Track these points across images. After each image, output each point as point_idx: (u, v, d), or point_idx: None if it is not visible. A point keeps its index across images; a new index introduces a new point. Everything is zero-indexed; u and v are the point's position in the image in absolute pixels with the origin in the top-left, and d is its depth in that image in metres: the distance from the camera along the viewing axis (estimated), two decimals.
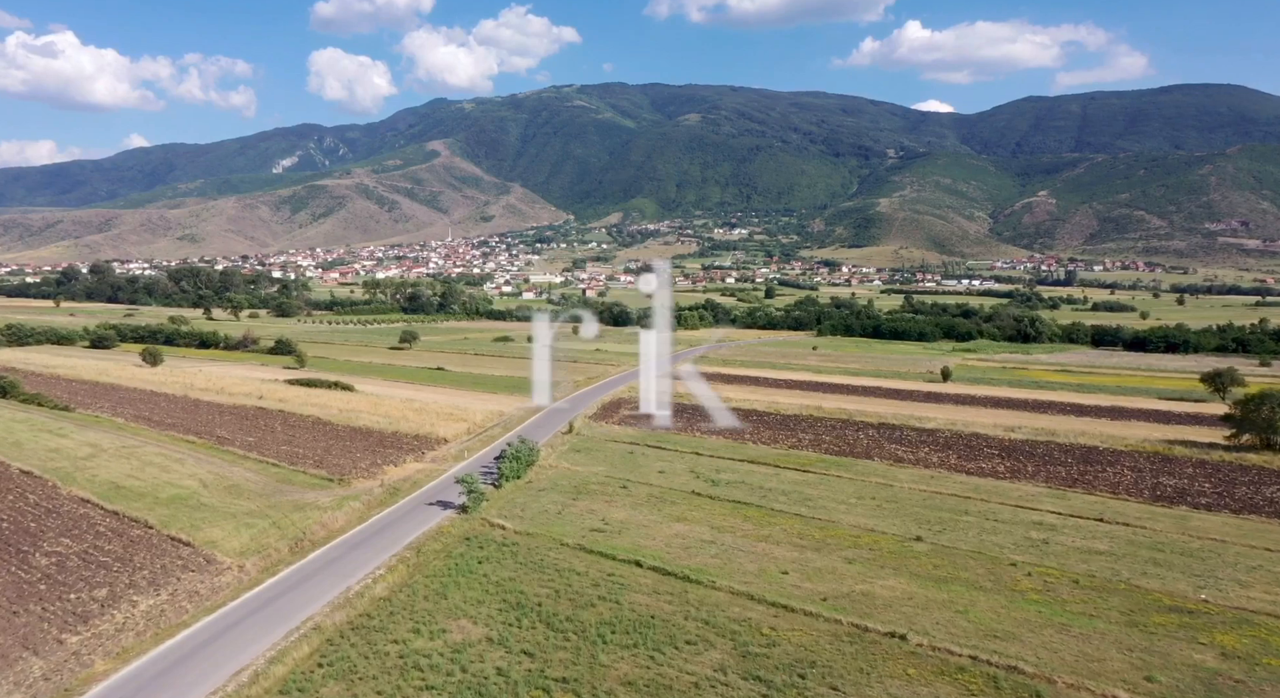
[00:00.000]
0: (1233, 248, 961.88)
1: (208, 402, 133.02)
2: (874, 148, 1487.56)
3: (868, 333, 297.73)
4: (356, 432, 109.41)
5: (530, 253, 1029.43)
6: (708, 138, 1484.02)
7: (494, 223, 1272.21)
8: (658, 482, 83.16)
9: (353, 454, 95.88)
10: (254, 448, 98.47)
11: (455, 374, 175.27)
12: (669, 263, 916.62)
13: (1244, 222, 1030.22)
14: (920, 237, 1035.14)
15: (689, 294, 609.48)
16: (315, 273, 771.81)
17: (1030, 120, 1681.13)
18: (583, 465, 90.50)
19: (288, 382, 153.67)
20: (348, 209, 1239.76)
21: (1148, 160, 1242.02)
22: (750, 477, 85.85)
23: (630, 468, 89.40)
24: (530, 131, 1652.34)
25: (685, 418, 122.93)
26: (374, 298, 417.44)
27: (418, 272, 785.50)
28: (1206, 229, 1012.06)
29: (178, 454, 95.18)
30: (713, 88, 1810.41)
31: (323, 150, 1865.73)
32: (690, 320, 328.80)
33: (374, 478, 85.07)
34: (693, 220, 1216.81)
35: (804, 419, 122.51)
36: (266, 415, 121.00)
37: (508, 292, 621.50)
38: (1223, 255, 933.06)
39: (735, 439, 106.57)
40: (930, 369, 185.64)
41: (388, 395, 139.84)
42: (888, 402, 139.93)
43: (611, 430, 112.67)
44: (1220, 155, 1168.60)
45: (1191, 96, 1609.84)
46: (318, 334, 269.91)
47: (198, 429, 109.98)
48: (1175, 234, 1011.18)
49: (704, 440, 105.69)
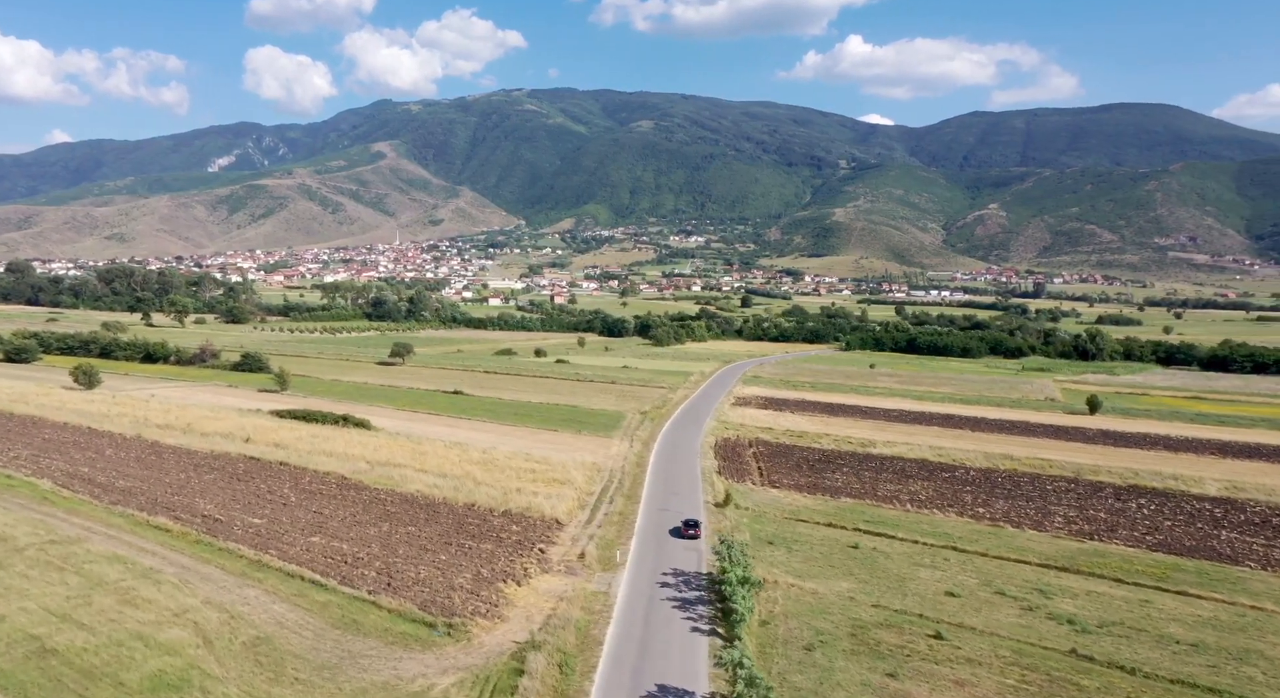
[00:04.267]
0: (1183, 263, 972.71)
1: (173, 446, 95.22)
2: (826, 158, 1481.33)
3: (900, 347, 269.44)
4: (414, 504, 73.67)
5: (483, 258, 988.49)
6: (661, 145, 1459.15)
7: (443, 227, 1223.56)
8: (975, 621, 49.71)
9: (433, 553, 60.62)
10: (270, 542, 62.37)
11: (482, 401, 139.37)
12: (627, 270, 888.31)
13: (1192, 237, 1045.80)
14: (879, 247, 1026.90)
15: (659, 302, 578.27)
16: (258, 276, 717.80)
17: (977, 134, 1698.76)
18: (817, 580, 56.69)
19: (276, 413, 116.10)
20: (289, 210, 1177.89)
21: (1094, 176, 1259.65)
22: (1107, 608, 52.80)
23: (890, 584, 56.01)
24: (480, 135, 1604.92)
25: (846, 472, 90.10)
26: (333, 303, 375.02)
27: (367, 275, 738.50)
28: (1157, 244, 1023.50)
29: (146, 558, 58.65)
30: (664, 95, 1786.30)
31: (262, 150, 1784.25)
32: (698, 332, 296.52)
33: (499, 617, 49.99)
34: (647, 227, 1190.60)
35: (1005, 476, 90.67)
36: (266, 472, 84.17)
37: (468, 297, 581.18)
38: (1174, 270, 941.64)
39: (970, 517, 73.97)
40: (1049, 397, 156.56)
41: (422, 436, 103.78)
42: (1059, 445, 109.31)
43: (776, 499, 79.00)
44: (1164, 172, 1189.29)
45: (1130, 115, 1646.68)
46: (283, 345, 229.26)
47: (169, 500, 73.00)
48: (1127, 248, 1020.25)
49: (930, 518, 72.83)
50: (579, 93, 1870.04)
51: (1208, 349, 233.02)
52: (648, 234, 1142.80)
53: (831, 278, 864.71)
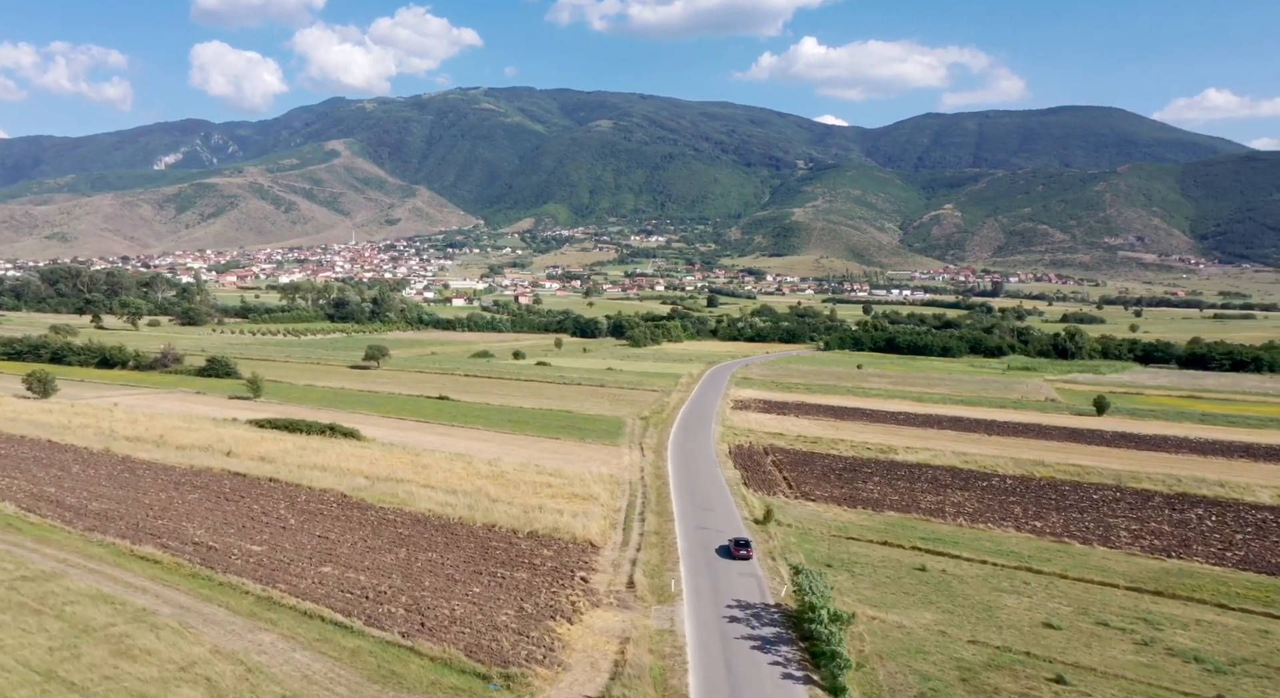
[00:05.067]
0: (1133, 262, 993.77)
1: (147, 461, 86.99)
2: (784, 158, 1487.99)
3: (879, 347, 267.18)
4: (427, 526, 66.89)
5: (442, 258, 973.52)
6: (620, 145, 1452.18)
7: (400, 226, 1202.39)
8: (1091, 660, 44.56)
9: (463, 585, 54.13)
10: (276, 574, 55.26)
11: (471, 407, 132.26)
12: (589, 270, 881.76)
13: (1140, 237, 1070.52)
14: (839, 247, 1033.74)
15: (624, 302, 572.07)
16: (209, 276, 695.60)
17: (930, 136, 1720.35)
18: (897, 610, 51.29)
19: (255, 423, 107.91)
20: (240, 209, 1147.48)
21: (1045, 177, 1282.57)
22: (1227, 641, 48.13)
23: (977, 614, 50.83)
24: (436, 133, 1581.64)
25: (877, 482, 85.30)
26: (293, 304, 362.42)
27: (323, 276, 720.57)
28: (1107, 243, 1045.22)
29: (136, 596, 51.28)
30: (623, 95, 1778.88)
31: (210, 147, 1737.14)
32: (674, 333, 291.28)
33: (559, 664, 43.69)
34: (608, 227, 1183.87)
35: (1044, 484, 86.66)
36: (256, 490, 76.60)
37: (430, 298, 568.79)
38: (1124, 269, 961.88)
39: (1029, 532, 69.49)
40: (1049, 398, 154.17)
41: (418, 446, 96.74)
42: (1083, 449, 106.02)
43: (816, 513, 73.70)
44: (1112, 173, 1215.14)
45: (1077, 117, 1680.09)
46: (247, 348, 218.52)
47: (153, 526, 65.34)
48: (1079, 248, 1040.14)
49: (987, 534, 68.11)
50: (537, 92, 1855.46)
51: (1185, 348, 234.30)
52: (608, 234, 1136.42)
53: (793, 277, 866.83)
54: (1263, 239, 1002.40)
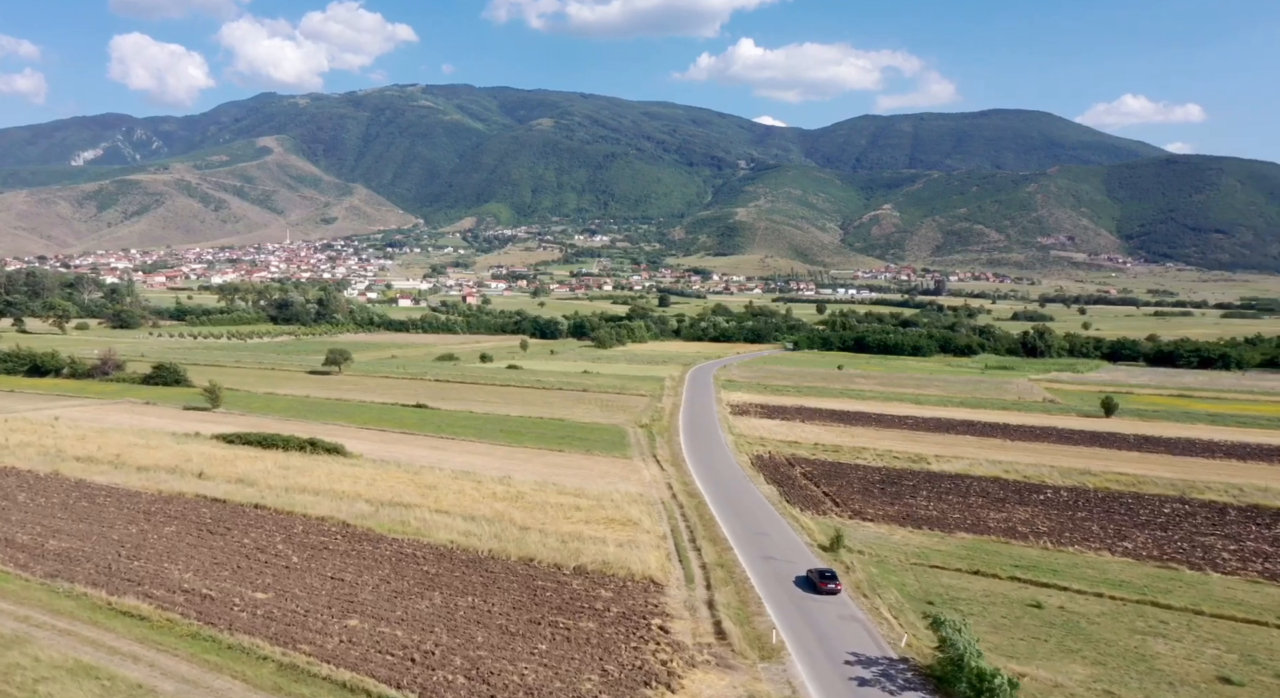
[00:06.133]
0: (1064, 261, 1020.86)
1: (106, 486, 75.71)
2: (725, 158, 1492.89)
3: (848, 347, 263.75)
4: (454, 561, 57.79)
5: (382, 257, 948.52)
6: (562, 143, 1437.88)
7: (336, 225, 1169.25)
8: None
9: (524, 640, 45.43)
10: (293, 630, 45.70)
11: (454, 416, 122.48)
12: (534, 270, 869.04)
13: (1070, 236, 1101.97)
14: (783, 246, 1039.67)
15: (574, 302, 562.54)
16: (135, 277, 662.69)
17: (868, 137, 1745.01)
18: (1040, 663, 44.19)
19: (222, 438, 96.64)
20: (167, 207, 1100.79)
21: (979, 178, 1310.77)
22: None
23: (1134, 667, 43.67)
24: (373, 131, 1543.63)
25: (927, 496, 78.99)
26: (232, 305, 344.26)
27: (258, 276, 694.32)
28: (1040, 243, 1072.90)
29: (126, 666, 41.38)
30: (563, 94, 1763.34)
31: (133, 143, 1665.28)
32: (638, 333, 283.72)
33: None
34: (551, 226, 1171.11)
35: (1104, 496, 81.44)
36: (242, 520, 66.31)
37: (373, 298, 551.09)
38: (1057, 268, 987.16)
39: (1124, 555, 63.76)
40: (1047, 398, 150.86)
41: (415, 462, 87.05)
42: (1120, 454, 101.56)
43: (882, 536, 66.63)
44: (1043, 175, 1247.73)
45: (1008, 121, 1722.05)
46: (190, 353, 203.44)
47: (129, 569, 54.94)
48: (1013, 247, 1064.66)
49: (1082, 558, 62.04)
50: (476, 90, 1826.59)
51: (1150, 345, 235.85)
52: (552, 233, 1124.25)
53: (739, 277, 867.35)
54: (1183, 239, 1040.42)
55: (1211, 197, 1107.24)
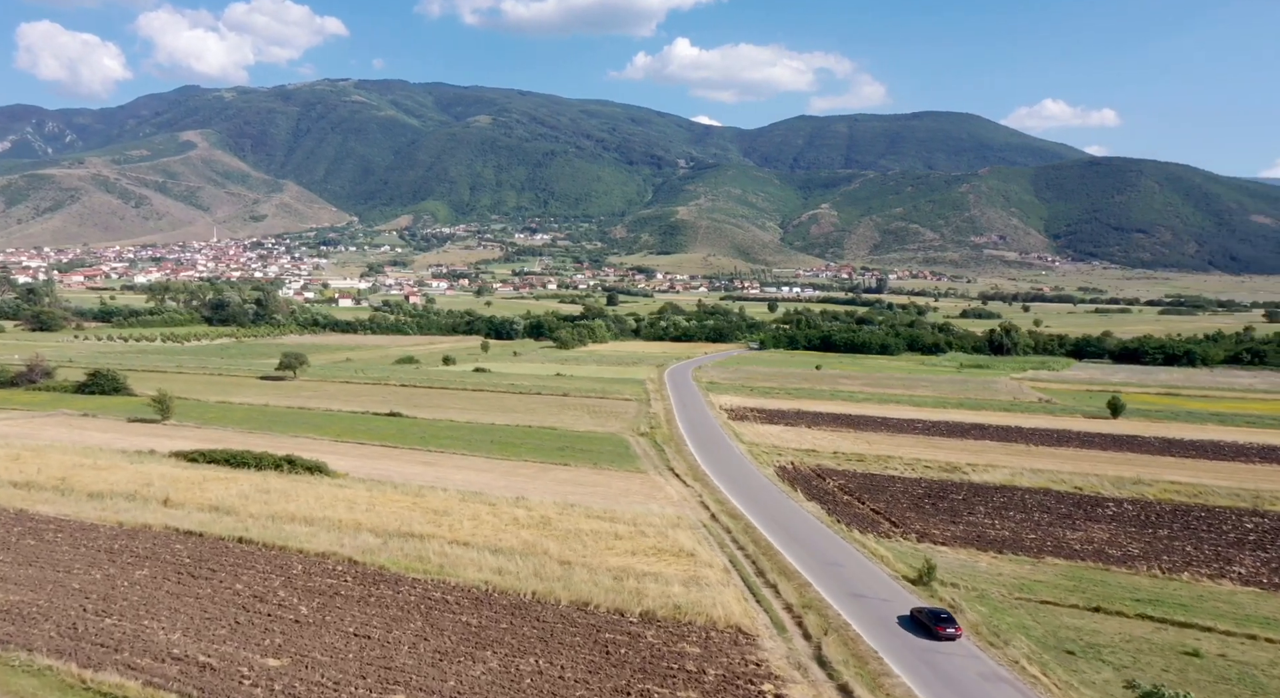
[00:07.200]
0: (997, 260, 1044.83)
1: (54, 519, 64.14)
2: (665, 157, 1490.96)
3: (815, 345, 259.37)
4: (495, 607, 48.66)
5: (315, 256, 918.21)
6: (500, 141, 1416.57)
7: (267, 223, 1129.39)
8: None
9: None
10: None
11: (434, 425, 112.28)
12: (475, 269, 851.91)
13: (1002, 236, 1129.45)
14: (725, 245, 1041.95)
15: (521, 301, 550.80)
16: (51, 276, 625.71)
17: (804, 137, 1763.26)
18: None
19: (182, 456, 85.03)
20: (83, 203, 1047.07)
21: (914, 178, 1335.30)
22: None
23: None
24: (304, 126, 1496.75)
25: (987, 512, 72.52)
26: (163, 306, 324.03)
27: (185, 275, 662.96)
28: (973, 242, 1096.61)
29: None
30: (500, 91, 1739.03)
31: (44, 136, 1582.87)
32: (600, 333, 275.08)
33: None
34: (491, 225, 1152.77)
35: (1174, 510, 76.20)
36: (226, 558, 55.85)
37: (311, 298, 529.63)
38: (990, 266, 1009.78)
39: (1246, 584, 57.87)
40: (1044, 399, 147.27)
41: (407, 482, 77.11)
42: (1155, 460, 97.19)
43: (965, 563, 59.68)
44: (974, 176, 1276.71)
45: (938, 122, 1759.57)
46: (124, 357, 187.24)
47: (100, 630, 44.29)
48: (948, 247, 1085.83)
49: (1204, 589, 56.11)
50: (410, 85, 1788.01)
51: (1115, 342, 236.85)
52: (491, 232, 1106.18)
53: (683, 275, 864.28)
54: (1107, 238, 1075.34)
55: (1132, 197, 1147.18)
